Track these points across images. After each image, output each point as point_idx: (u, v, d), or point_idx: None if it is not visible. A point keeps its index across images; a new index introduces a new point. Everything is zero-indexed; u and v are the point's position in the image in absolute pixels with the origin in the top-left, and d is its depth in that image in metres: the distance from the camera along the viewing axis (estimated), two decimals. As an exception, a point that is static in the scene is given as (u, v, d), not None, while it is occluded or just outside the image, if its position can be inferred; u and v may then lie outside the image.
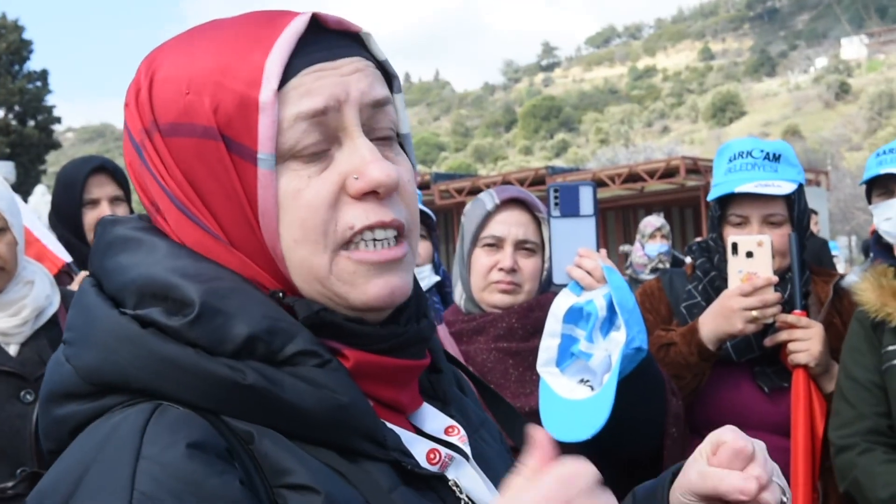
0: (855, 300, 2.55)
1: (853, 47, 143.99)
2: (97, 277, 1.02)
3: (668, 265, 8.49)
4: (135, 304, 0.96)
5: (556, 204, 2.35)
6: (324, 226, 0.98)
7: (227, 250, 1.00)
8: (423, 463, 1.02)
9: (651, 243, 9.13)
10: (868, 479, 2.42)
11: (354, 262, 1.00)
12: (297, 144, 0.97)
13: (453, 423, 1.10)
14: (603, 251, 2.32)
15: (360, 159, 0.99)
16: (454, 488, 1.03)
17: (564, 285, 2.30)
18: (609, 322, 2.19)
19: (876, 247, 3.70)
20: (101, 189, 3.56)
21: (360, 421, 0.97)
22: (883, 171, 3.60)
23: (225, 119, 0.96)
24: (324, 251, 0.99)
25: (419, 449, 1.03)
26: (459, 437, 1.08)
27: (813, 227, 9.01)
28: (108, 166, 3.65)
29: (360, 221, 0.99)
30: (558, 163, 79.36)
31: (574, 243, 2.32)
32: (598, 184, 24.53)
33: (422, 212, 3.62)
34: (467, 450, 1.08)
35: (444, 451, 1.05)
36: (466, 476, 1.06)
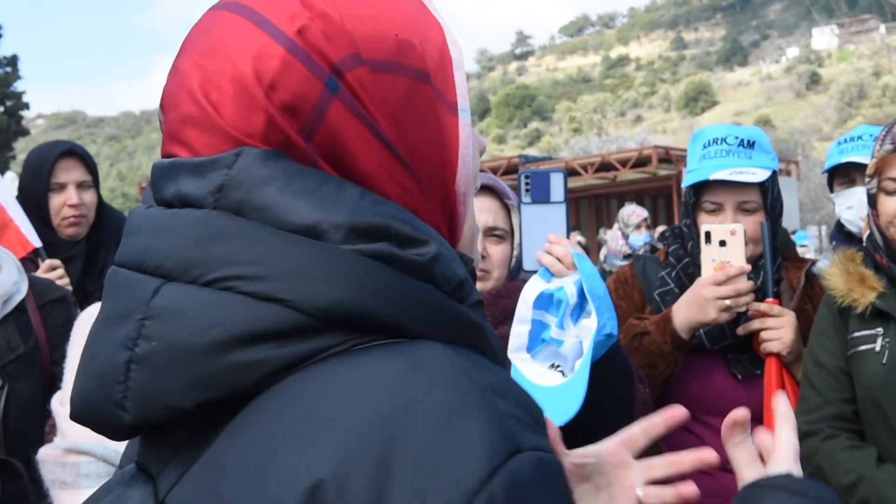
0: (823, 285, 2.57)
1: (824, 38, 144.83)
2: (254, 210, 0.89)
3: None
4: (342, 239, 0.88)
5: (528, 190, 2.35)
6: (477, 179, 1.06)
7: (424, 193, 0.98)
8: None
9: (637, 233, 9.16)
10: (830, 466, 2.43)
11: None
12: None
13: None
14: (573, 237, 2.33)
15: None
16: None
17: (535, 272, 2.31)
18: (580, 308, 2.19)
19: (838, 235, 3.74)
20: (69, 173, 3.52)
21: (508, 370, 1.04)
22: (844, 159, 3.64)
23: (433, 67, 0.98)
24: (474, 204, 1.07)
25: None
26: None
27: None
28: (78, 150, 3.61)
29: (479, 183, 1.10)
30: (532, 151, 79.43)
31: (545, 230, 2.32)
32: (571, 173, 24.68)
33: None
34: None
35: None
36: None
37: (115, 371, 0.86)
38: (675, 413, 1.44)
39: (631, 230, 9.19)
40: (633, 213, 9.36)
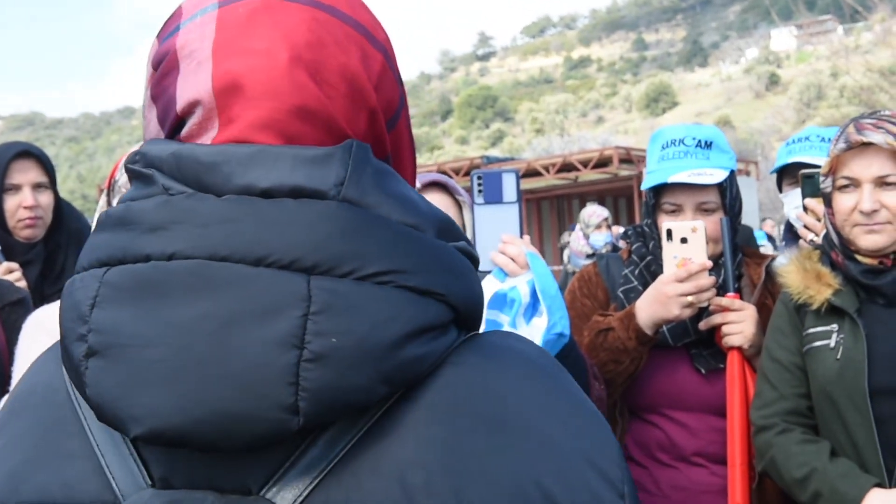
0: (779, 282, 2.60)
1: (783, 38, 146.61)
2: (377, 203, 0.88)
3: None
4: (435, 236, 0.91)
5: (480, 191, 2.35)
6: None
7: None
8: None
9: (597, 233, 9.18)
10: (784, 459, 2.46)
11: None
12: None
13: None
14: (526, 237, 2.32)
15: None
16: None
17: (489, 272, 2.31)
18: (532, 308, 2.19)
19: (787, 234, 3.79)
20: (24, 175, 3.43)
21: None
22: (791, 159, 3.69)
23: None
24: None
25: None
26: None
27: None
28: (34, 151, 3.51)
29: None
30: (494, 152, 79.66)
31: (498, 230, 2.32)
32: (533, 173, 24.78)
33: None
34: None
35: None
36: None
37: (279, 373, 0.79)
38: None
39: (592, 230, 9.21)
40: (593, 213, 9.38)
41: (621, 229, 9.89)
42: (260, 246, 0.82)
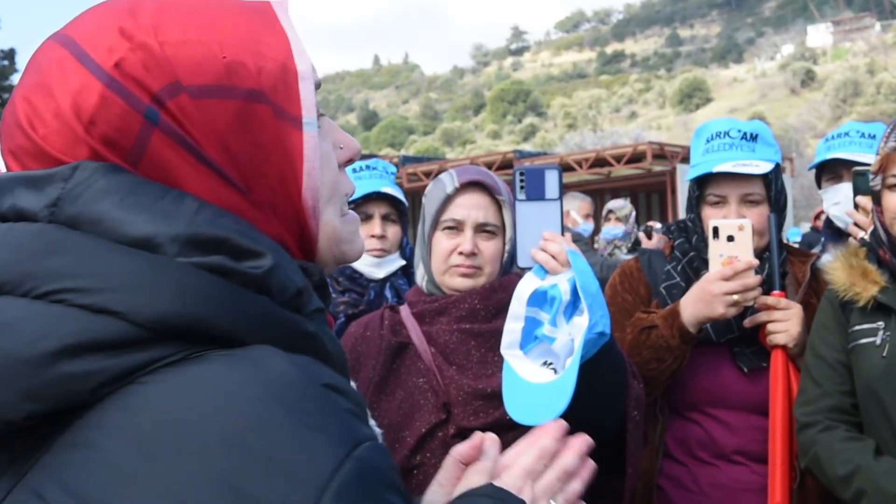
0: (825, 279, 2.58)
1: (819, 35, 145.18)
2: (90, 224, 0.92)
3: (624, 250, 8.49)
4: (178, 252, 0.91)
5: (522, 187, 2.35)
6: (338, 187, 1.10)
7: (259, 210, 1.01)
8: None
9: (605, 226, 9.12)
10: (827, 456, 2.45)
11: (350, 221, 1.14)
12: (317, 113, 1.06)
13: None
14: (568, 235, 2.31)
15: (337, 131, 1.13)
16: None
17: (529, 268, 2.30)
18: (573, 306, 2.18)
19: (827, 231, 3.75)
20: None
21: (347, 374, 1.06)
22: (831, 155, 3.65)
23: (270, 84, 1.01)
24: (339, 213, 1.11)
25: None
26: None
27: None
28: None
29: (350, 188, 1.15)
30: (526, 147, 79.53)
31: (539, 227, 2.32)
32: (566, 168, 24.67)
33: (396, 197, 3.58)
34: None
35: None
36: None
37: None
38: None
39: (601, 222, 9.14)
40: (606, 206, 9.35)
41: (658, 224, 9.83)
42: None
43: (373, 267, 3.54)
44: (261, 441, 0.82)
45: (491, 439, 1.19)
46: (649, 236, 9.00)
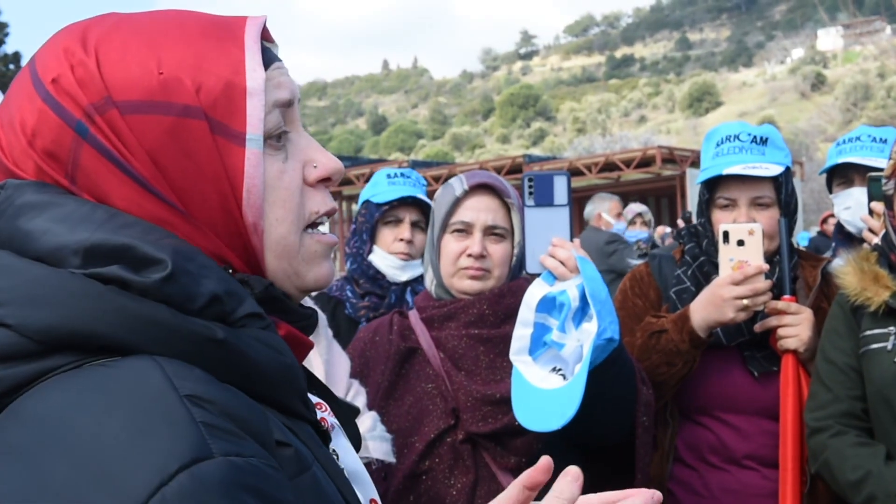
0: (836, 283, 2.57)
1: (829, 38, 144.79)
2: (7, 240, 0.97)
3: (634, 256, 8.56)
4: (80, 264, 0.93)
5: (531, 193, 2.35)
6: (298, 208, 1.08)
7: (190, 224, 1.02)
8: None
9: (631, 229, 9.20)
10: (838, 461, 2.44)
11: (317, 242, 1.12)
12: (273, 130, 1.06)
13: (319, 399, 1.21)
14: (577, 240, 2.31)
15: (313, 149, 1.12)
16: (333, 453, 1.14)
17: (537, 274, 2.30)
18: (581, 312, 2.19)
19: (838, 236, 3.74)
20: None
21: (298, 382, 1.05)
22: (842, 160, 3.63)
23: (209, 101, 1.01)
24: (297, 231, 1.09)
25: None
26: (328, 412, 1.20)
27: None
28: None
29: (322, 207, 1.12)
30: (535, 151, 79.46)
31: (548, 233, 2.32)
32: (575, 173, 24.68)
33: (428, 206, 3.56)
34: (335, 422, 1.18)
35: (329, 419, 1.15)
36: (340, 444, 1.18)
37: None
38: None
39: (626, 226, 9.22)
40: (629, 209, 9.50)
41: (668, 229, 9.86)
42: None
43: (397, 269, 3.57)
44: (96, 453, 0.81)
45: (574, 474, 1.03)
46: (688, 222, 9.01)
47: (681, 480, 2.78)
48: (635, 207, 9.63)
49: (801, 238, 13.65)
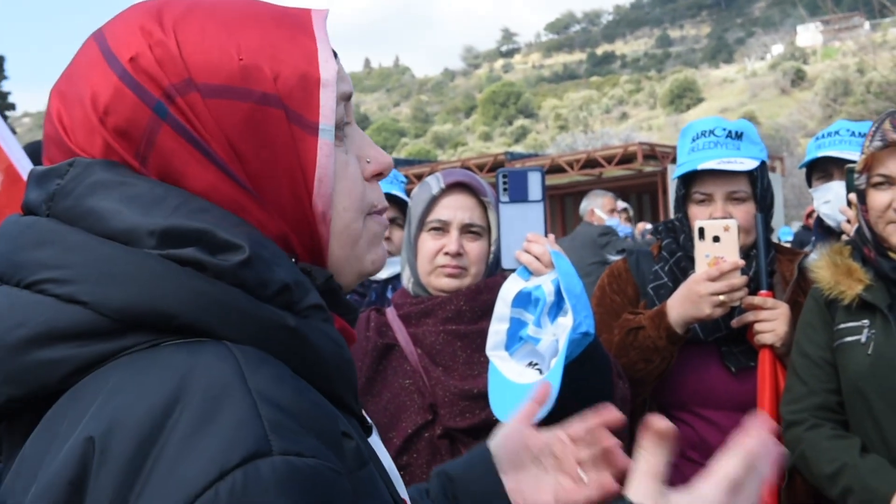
0: (810, 277, 2.59)
1: (809, 34, 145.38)
2: (78, 219, 0.96)
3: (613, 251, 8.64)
4: (155, 245, 0.93)
5: (505, 189, 2.36)
6: (361, 198, 1.11)
7: (264, 210, 1.02)
8: None
9: (621, 224, 9.29)
10: (814, 454, 2.46)
11: (376, 223, 1.14)
12: (340, 122, 1.08)
13: None
14: (551, 236, 2.32)
15: (367, 144, 1.14)
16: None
17: (513, 270, 2.31)
18: (557, 307, 2.20)
19: (818, 230, 3.76)
20: None
21: (353, 376, 1.06)
22: (821, 154, 3.66)
23: (286, 90, 1.02)
24: (361, 219, 1.11)
25: None
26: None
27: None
28: None
29: (380, 203, 1.15)
30: (518, 149, 79.47)
31: (523, 228, 2.33)
32: (557, 170, 24.69)
33: (405, 202, 3.56)
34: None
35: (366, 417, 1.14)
36: (375, 442, 1.17)
37: None
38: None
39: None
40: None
41: (648, 226, 9.94)
42: None
43: None
44: (157, 438, 0.82)
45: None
46: None
47: (660, 476, 2.79)
48: (619, 204, 9.75)
49: (783, 233, 13.72)
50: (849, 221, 3.09)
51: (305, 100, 1.04)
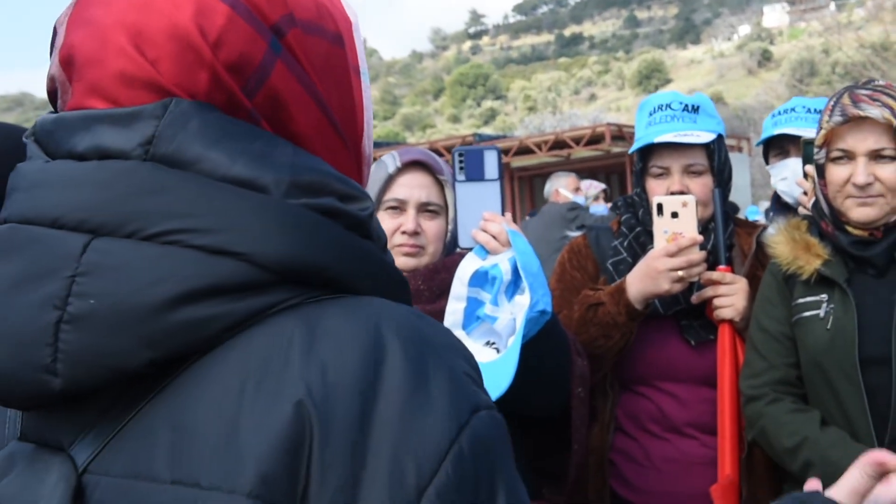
0: (768, 252, 2.59)
1: (775, 15, 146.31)
2: (189, 164, 0.85)
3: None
4: (283, 194, 0.86)
5: (461, 168, 2.35)
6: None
7: (351, 157, 1.00)
8: None
9: (595, 205, 9.30)
10: (774, 428, 2.47)
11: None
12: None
13: None
14: (508, 215, 2.31)
15: None
16: None
17: (470, 249, 2.30)
18: (514, 285, 2.20)
19: (775, 206, 3.77)
20: None
21: None
22: (777, 131, 3.67)
23: (342, 30, 0.99)
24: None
25: None
26: None
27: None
28: None
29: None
30: (487, 130, 79.40)
31: (479, 207, 2.32)
32: (525, 151, 24.70)
33: None
34: None
35: None
36: None
37: (39, 333, 0.80)
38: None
39: (590, 202, 9.30)
40: (592, 185, 9.54)
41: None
42: (56, 208, 0.83)
43: None
44: (373, 406, 0.78)
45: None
46: None
47: (622, 451, 2.80)
48: (598, 184, 9.78)
49: (751, 212, 13.80)
50: (805, 193, 3.09)
51: (349, 41, 1.00)
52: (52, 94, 0.95)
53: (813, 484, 1.24)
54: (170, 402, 0.81)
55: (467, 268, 2.22)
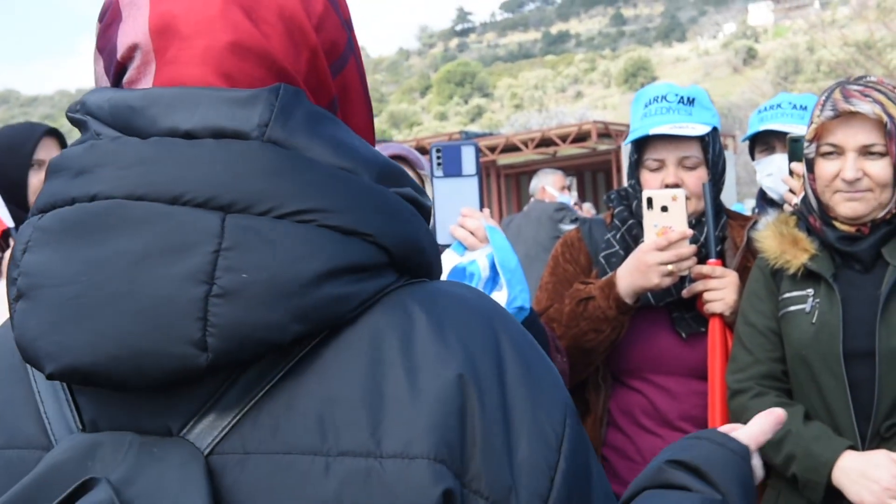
0: (756, 247, 2.61)
1: (760, 13, 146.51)
2: (301, 147, 0.87)
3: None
4: (375, 181, 0.90)
5: (439, 164, 2.35)
6: None
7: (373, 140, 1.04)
8: None
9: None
10: None
11: None
12: None
13: None
14: (486, 210, 2.31)
15: None
16: None
17: (448, 245, 2.31)
18: (492, 282, 2.21)
19: (761, 202, 3.79)
20: (50, 153, 3.44)
21: None
22: (763, 127, 3.68)
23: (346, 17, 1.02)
24: None
25: None
26: None
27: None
28: (58, 132, 3.57)
29: None
30: (473, 128, 79.37)
31: (457, 203, 2.32)
32: (512, 148, 24.68)
33: None
34: None
35: None
36: None
37: (185, 308, 0.78)
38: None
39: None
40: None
41: (594, 212, 10.02)
42: (176, 185, 0.82)
43: None
44: (504, 380, 0.87)
45: None
46: None
47: (614, 446, 2.81)
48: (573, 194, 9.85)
49: (737, 209, 13.87)
50: (791, 191, 3.11)
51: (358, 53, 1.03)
52: (120, 66, 0.93)
53: (728, 427, 1.31)
54: (307, 376, 0.83)
55: (445, 264, 2.23)
